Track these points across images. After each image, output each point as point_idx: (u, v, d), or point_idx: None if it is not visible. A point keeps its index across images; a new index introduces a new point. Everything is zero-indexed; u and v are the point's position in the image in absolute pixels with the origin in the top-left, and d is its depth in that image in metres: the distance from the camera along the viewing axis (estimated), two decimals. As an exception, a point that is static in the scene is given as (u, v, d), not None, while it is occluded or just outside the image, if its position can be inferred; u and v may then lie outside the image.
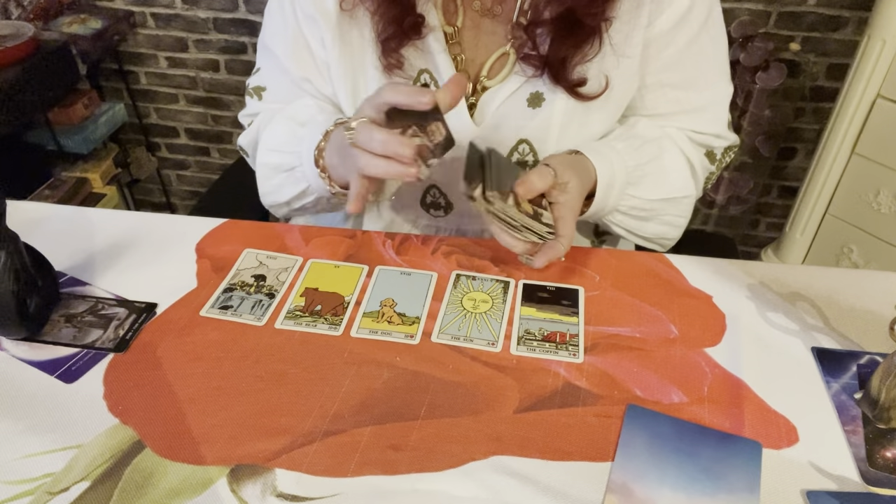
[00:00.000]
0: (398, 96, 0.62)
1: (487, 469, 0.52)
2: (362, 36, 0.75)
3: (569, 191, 0.68)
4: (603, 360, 0.62)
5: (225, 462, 0.53)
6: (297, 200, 0.80)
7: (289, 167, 0.78)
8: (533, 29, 0.71)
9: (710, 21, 0.74)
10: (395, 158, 0.62)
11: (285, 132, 0.78)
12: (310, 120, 0.77)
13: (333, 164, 0.72)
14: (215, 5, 1.83)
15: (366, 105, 0.65)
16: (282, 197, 0.81)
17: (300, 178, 0.77)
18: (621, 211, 0.77)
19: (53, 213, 0.80)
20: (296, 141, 0.76)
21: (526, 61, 0.73)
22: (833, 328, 0.65)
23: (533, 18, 0.71)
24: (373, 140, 0.62)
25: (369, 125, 0.63)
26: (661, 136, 0.78)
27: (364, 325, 0.65)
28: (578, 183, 0.69)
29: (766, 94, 1.63)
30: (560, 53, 0.71)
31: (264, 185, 0.82)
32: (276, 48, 0.80)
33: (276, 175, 0.80)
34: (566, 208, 0.68)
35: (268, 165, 0.80)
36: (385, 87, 0.64)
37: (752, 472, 0.52)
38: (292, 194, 0.79)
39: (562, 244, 0.67)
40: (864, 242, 1.52)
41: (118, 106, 1.98)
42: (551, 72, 0.72)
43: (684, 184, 0.78)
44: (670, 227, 0.80)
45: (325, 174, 0.73)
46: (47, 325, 0.64)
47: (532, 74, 0.73)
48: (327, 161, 0.73)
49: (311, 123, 0.76)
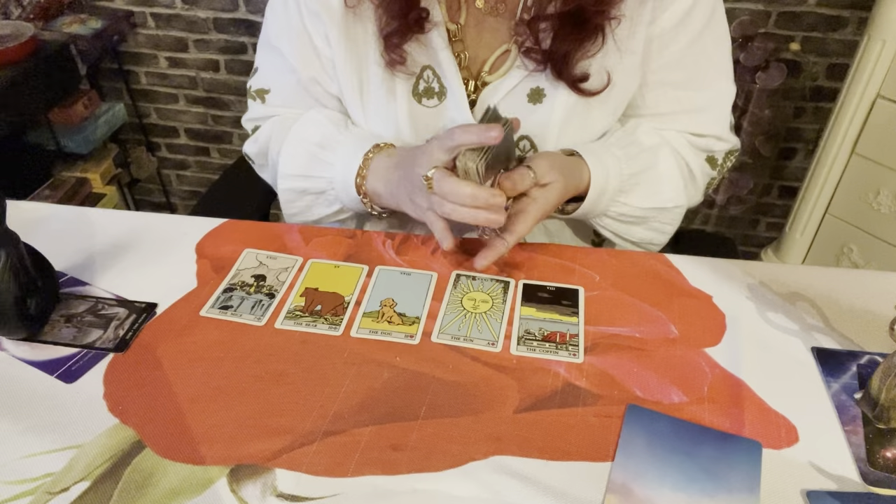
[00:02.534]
0: (468, 136, 0.64)
1: (487, 469, 0.52)
2: (366, 32, 0.75)
3: (548, 190, 0.69)
4: (603, 360, 0.62)
5: (225, 462, 0.53)
6: (330, 218, 0.82)
7: (317, 191, 0.79)
8: (536, 24, 0.71)
9: (713, 20, 0.74)
10: (485, 208, 0.64)
11: (304, 157, 0.78)
12: (328, 141, 0.78)
13: (378, 194, 0.74)
14: (215, 5, 1.83)
15: (436, 148, 0.66)
16: (312, 216, 0.82)
17: (333, 201, 0.79)
18: (609, 216, 0.77)
19: (53, 213, 0.80)
20: (320, 165, 0.78)
21: (528, 56, 0.73)
22: (833, 328, 0.65)
23: (537, 13, 0.71)
24: (460, 194, 0.64)
25: (449, 176, 0.65)
26: (659, 143, 0.78)
27: (364, 325, 0.65)
28: (563, 185, 0.70)
29: (766, 94, 1.63)
30: (563, 48, 0.71)
31: (290, 207, 0.83)
32: (281, 46, 0.79)
33: (302, 198, 0.81)
34: (536, 205, 0.69)
35: (292, 191, 0.81)
36: (455, 130, 0.65)
37: (752, 472, 0.52)
38: (324, 213, 0.81)
39: (506, 242, 0.68)
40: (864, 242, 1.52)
41: (118, 106, 1.98)
42: (554, 66, 0.72)
43: (676, 194, 0.78)
44: (657, 234, 0.81)
45: (366, 199, 0.76)
46: (47, 325, 0.64)
47: (534, 69, 0.73)
48: (370, 188, 0.75)
49: (331, 146, 0.77)
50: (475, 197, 0.63)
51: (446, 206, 0.65)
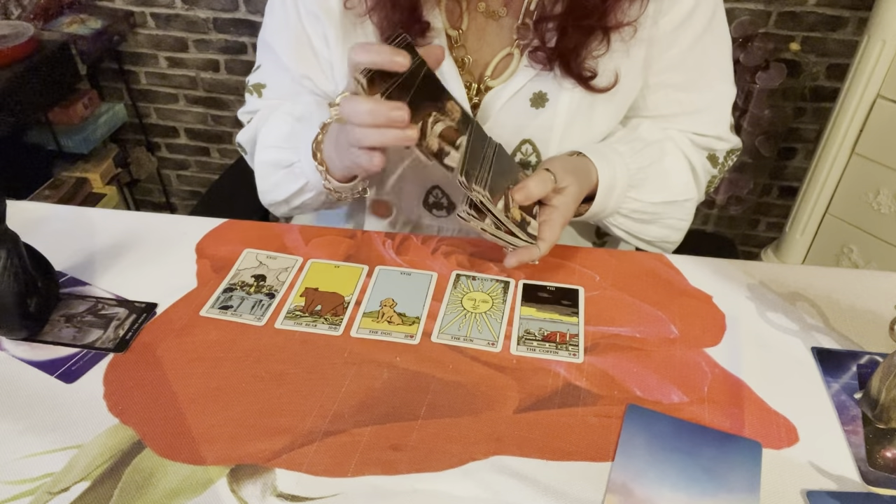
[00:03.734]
0: (369, 55, 0.57)
1: (487, 469, 0.52)
2: (366, 34, 0.75)
3: (565, 194, 0.68)
4: (603, 360, 0.62)
5: (225, 462, 0.53)
6: (296, 197, 0.79)
7: (287, 163, 0.77)
8: (541, 25, 0.71)
9: (713, 22, 0.74)
10: (389, 125, 0.58)
11: (283, 128, 0.78)
12: (308, 115, 0.77)
13: (330, 157, 0.71)
14: (215, 5, 1.83)
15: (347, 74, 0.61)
16: (280, 195, 0.80)
17: (299, 175, 0.76)
18: (622, 213, 0.77)
19: (53, 213, 0.80)
20: (295, 137, 0.76)
21: (534, 56, 0.73)
22: (833, 328, 0.65)
23: (541, 15, 0.71)
24: (359, 112, 0.58)
25: (352, 97, 0.59)
26: (662, 138, 0.78)
27: (364, 325, 0.65)
28: (577, 187, 0.69)
29: (766, 94, 1.63)
30: (569, 44, 0.70)
31: (263, 182, 0.82)
32: (276, 45, 0.80)
33: (274, 172, 0.79)
34: (557, 212, 0.68)
35: (266, 163, 0.80)
36: (354, 48, 0.58)
37: (752, 472, 0.52)
38: (291, 191, 0.78)
39: (539, 248, 0.67)
40: (864, 242, 1.52)
41: (118, 106, 1.98)
42: (562, 63, 0.72)
43: (686, 187, 0.78)
44: (672, 231, 0.80)
45: (322, 167, 0.72)
46: (47, 325, 0.64)
47: (541, 69, 0.73)
48: (325, 154, 0.71)
49: (308, 118, 0.76)
50: (373, 112, 0.57)
51: (356, 133, 0.60)
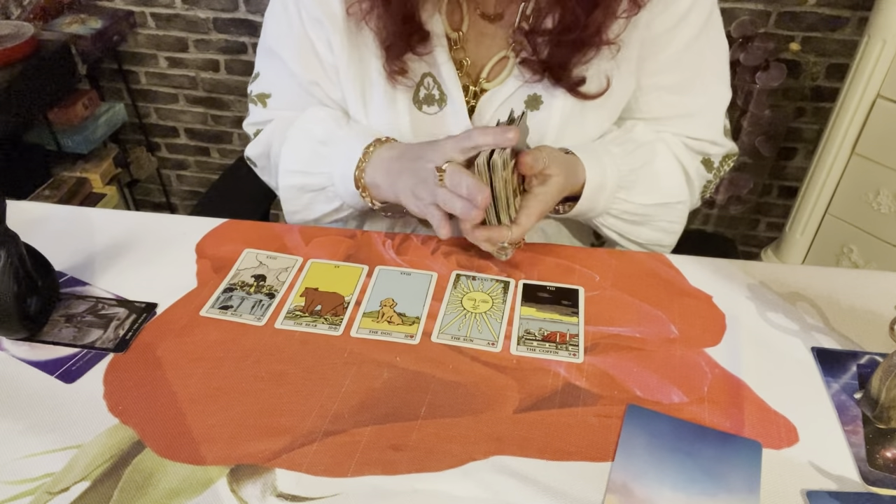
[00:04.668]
0: (486, 138, 0.65)
1: (487, 469, 0.53)
2: (369, 38, 0.75)
3: (548, 184, 0.69)
4: (603, 360, 0.62)
5: (225, 462, 0.53)
6: (330, 216, 0.82)
7: (318, 187, 0.79)
8: (534, 37, 0.71)
9: (708, 25, 0.74)
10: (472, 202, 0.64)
11: (307, 152, 0.78)
12: (329, 137, 0.77)
13: (377, 185, 0.74)
14: (215, 5, 1.83)
15: (450, 145, 0.67)
16: (312, 214, 0.82)
17: (332, 197, 0.79)
18: (612, 214, 0.77)
19: (53, 213, 0.80)
20: (321, 161, 0.77)
21: (525, 66, 0.73)
22: (833, 328, 0.65)
23: (534, 27, 0.71)
24: (461, 185, 0.65)
25: (463, 171, 0.65)
26: (654, 139, 0.78)
27: (364, 325, 0.65)
28: (562, 180, 0.70)
29: (766, 94, 1.63)
30: (560, 58, 0.71)
31: (291, 204, 0.82)
32: (281, 51, 0.79)
33: (303, 195, 0.80)
34: (537, 200, 0.69)
35: (293, 187, 0.80)
36: (475, 130, 0.67)
37: (752, 472, 0.52)
38: (324, 211, 0.81)
39: (511, 231, 0.68)
40: (864, 242, 1.52)
41: (118, 106, 1.98)
42: (552, 75, 0.72)
43: (678, 189, 0.78)
44: (664, 234, 0.80)
45: (365, 193, 0.75)
46: (47, 325, 0.64)
47: (531, 79, 0.73)
48: (368, 181, 0.74)
49: (332, 141, 0.77)
50: (471, 188, 0.64)
51: (440, 196, 0.66)
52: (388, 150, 0.74)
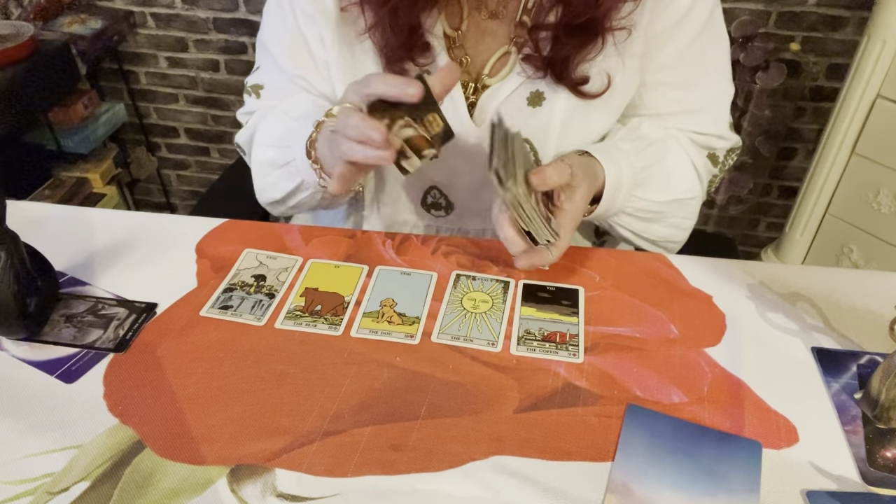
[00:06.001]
0: (385, 87, 0.61)
1: (487, 469, 0.52)
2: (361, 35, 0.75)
3: (575, 200, 0.67)
4: (603, 360, 0.62)
5: (225, 462, 0.53)
6: (293, 197, 0.79)
7: (283, 162, 0.77)
8: (536, 32, 0.71)
9: (711, 21, 0.74)
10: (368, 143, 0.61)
11: (280, 127, 0.78)
12: (304, 114, 0.77)
13: (324, 156, 0.71)
14: (215, 5, 1.83)
15: (351, 91, 0.64)
16: (277, 193, 0.80)
17: (294, 173, 0.76)
18: (627, 213, 0.76)
19: (53, 213, 0.80)
20: (290, 136, 0.76)
21: (528, 62, 0.73)
22: (833, 328, 0.65)
23: (536, 22, 0.71)
24: (348, 126, 0.61)
25: (348, 111, 0.62)
26: (665, 136, 0.78)
27: (364, 325, 0.65)
28: (587, 190, 0.68)
29: (766, 94, 1.63)
30: (562, 54, 0.71)
31: (259, 181, 0.81)
32: (272, 47, 0.80)
33: (271, 171, 0.79)
34: (568, 217, 0.67)
35: (263, 162, 0.79)
36: (372, 76, 0.62)
37: (752, 472, 0.52)
38: (287, 190, 0.78)
39: (552, 253, 0.66)
40: (864, 242, 1.52)
41: (118, 106, 1.98)
42: (553, 72, 0.72)
43: (691, 185, 0.78)
44: (677, 230, 0.80)
45: (317, 165, 0.72)
46: (47, 325, 0.64)
47: (533, 75, 0.73)
48: (319, 152, 0.72)
49: (304, 117, 0.76)
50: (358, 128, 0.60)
51: (342, 146, 0.62)
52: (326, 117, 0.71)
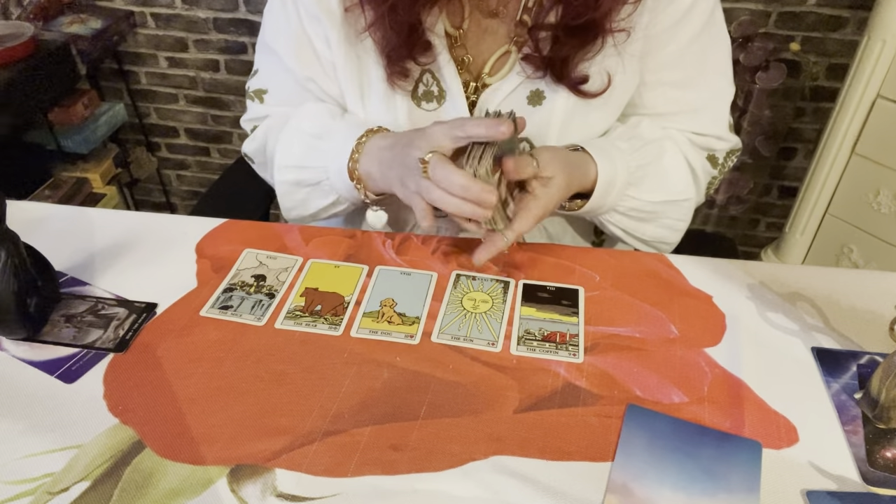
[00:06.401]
0: (479, 129, 0.63)
1: (487, 469, 0.53)
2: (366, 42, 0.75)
3: (549, 187, 0.68)
4: (603, 360, 0.62)
5: (225, 462, 0.53)
6: (326, 211, 0.81)
7: (313, 182, 0.78)
8: (536, 32, 0.71)
9: (711, 20, 0.74)
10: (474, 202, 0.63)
11: (301, 147, 0.78)
12: (325, 132, 0.77)
13: (371, 176, 0.73)
14: (215, 5, 1.83)
15: (439, 133, 0.66)
16: (308, 210, 0.81)
17: (328, 192, 0.78)
18: (619, 211, 0.76)
19: (53, 213, 0.80)
20: (317, 155, 0.77)
21: (528, 62, 0.73)
22: (833, 328, 0.65)
23: (536, 22, 0.71)
24: (452, 183, 0.63)
25: (445, 163, 0.64)
26: (662, 137, 0.78)
27: (364, 325, 0.65)
28: (564, 180, 0.69)
29: (766, 94, 1.63)
30: (562, 54, 0.71)
31: (287, 200, 0.82)
32: (278, 47, 0.79)
33: (298, 190, 0.80)
34: (537, 202, 0.68)
35: (288, 182, 0.80)
36: (468, 120, 0.65)
37: (752, 472, 0.52)
38: (320, 206, 0.80)
39: (506, 237, 0.67)
40: (864, 242, 1.52)
41: (118, 106, 1.98)
42: (553, 72, 0.72)
43: (685, 186, 0.78)
44: (669, 231, 0.80)
45: (359, 185, 0.74)
46: (47, 325, 0.64)
47: (533, 75, 0.73)
48: (362, 171, 0.74)
49: (327, 135, 0.77)
50: (466, 188, 0.62)
51: (435, 193, 0.64)
52: (381, 140, 0.73)
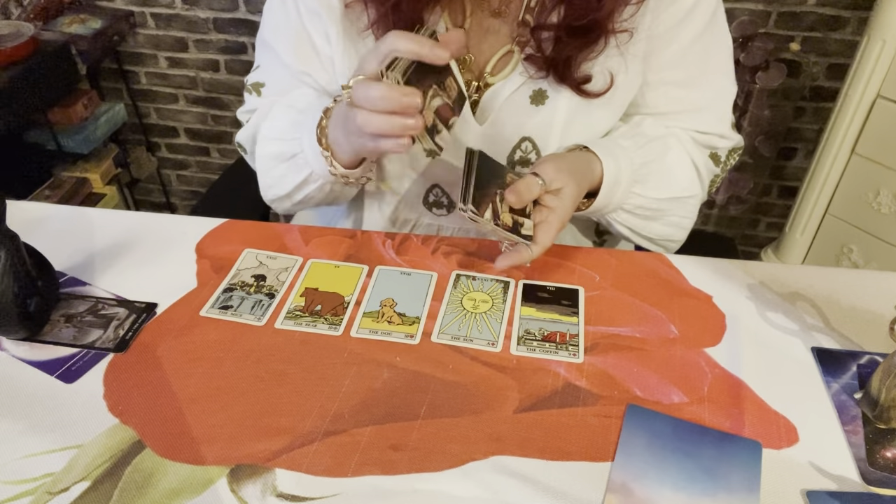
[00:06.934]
0: (410, 45, 0.57)
1: (487, 469, 0.53)
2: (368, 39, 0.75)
3: (562, 196, 0.67)
4: (603, 360, 0.62)
5: (225, 462, 0.53)
6: (300, 190, 0.78)
7: (290, 155, 0.76)
8: (538, 32, 0.71)
9: (714, 20, 0.74)
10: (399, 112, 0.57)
11: (285, 120, 0.77)
12: (309, 106, 0.76)
13: (337, 141, 0.70)
14: (215, 5, 1.83)
15: (367, 59, 0.61)
16: (284, 188, 0.79)
17: (302, 166, 0.75)
18: (626, 209, 0.76)
19: (53, 213, 0.80)
20: (296, 128, 0.75)
21: (530, 62, 0.73)
22: (833, 328, 0.65)
23: (538, 22, 0.71)
24: (370, 96, 0.58)
25: (367, 81, 0.59)
26: (665, 134, 0.78)
27: (364, 325, 0.65)
28: (575, 188, 0.68)
29: (766, 94, 1.63)
30: (565, 54, 0.70)
31: (265, 177, 0.80)
32: (275, 44, 0.79)
33: (276, 165, 0.78)
34: (554, 215, 0.67)
35: (267, 156, 0.78)
36: (392, 35, 0.58)
37: (752, 472, 0.52)
38: (294, 183, 0.77)
39: (532, 251, 0.66)
40: (864, 242, 1.52)
41: (118, 106, 1.98)
42: (556, 72, 0.72)
43: (690, 183, 0.78)
44: (676, 229, 0.80)
45: (327, 153, 0.71)
46: (47, 325, 0.64)
47: (535, 75, 0.73)
48: (330, 138, 0.71)
49: (310, 109, 0.75)
50: (386, 98, 0.57)
51: (360, 117, 0.59)
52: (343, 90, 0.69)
